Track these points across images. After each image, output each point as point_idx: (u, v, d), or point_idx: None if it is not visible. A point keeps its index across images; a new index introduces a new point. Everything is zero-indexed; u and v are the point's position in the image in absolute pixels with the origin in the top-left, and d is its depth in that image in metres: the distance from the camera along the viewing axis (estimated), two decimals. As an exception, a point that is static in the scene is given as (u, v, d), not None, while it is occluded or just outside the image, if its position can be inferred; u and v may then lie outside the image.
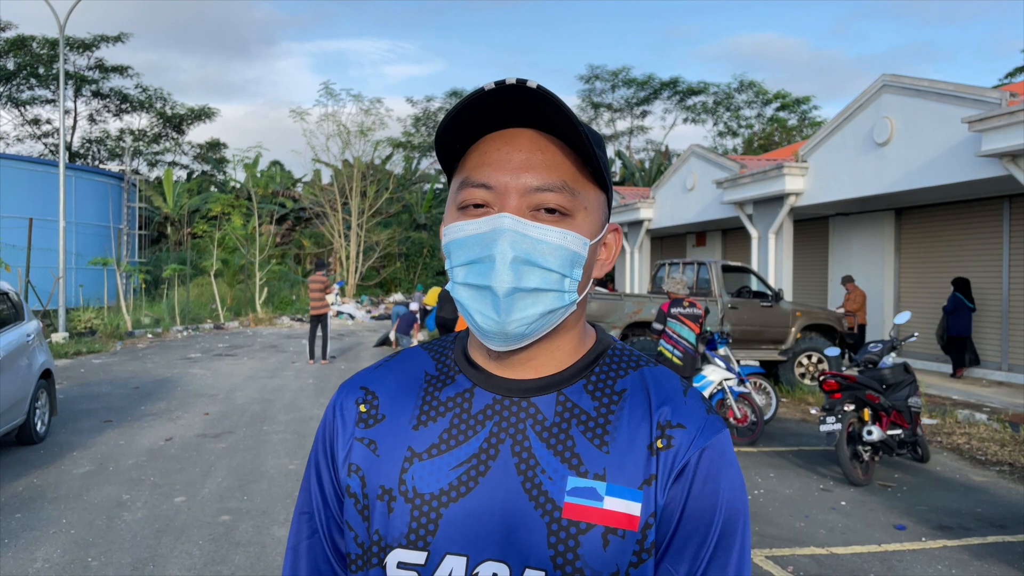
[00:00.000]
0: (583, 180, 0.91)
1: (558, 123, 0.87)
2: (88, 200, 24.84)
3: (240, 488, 6.09)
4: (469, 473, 0.91)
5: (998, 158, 9.66)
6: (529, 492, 0.89)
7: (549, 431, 0.91)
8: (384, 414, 0.98)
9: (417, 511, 0.90)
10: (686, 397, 0.95)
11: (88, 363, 13.99)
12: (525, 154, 0.88)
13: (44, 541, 4.85)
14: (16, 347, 7.21)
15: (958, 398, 10.59)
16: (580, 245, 0.90)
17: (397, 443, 0.95)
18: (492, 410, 0.94)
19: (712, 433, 0.92)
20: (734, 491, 0.92)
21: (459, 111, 0.86)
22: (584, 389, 0.94)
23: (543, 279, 0.88)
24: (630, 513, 0.88)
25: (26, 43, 34.57)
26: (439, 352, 1.04)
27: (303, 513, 1.04)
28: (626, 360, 0.99)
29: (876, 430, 6.51)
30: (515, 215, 0.87)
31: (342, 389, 1.04)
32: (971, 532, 5.38)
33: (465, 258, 0.89)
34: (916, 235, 14.31)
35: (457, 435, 0.93)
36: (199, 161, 43.72)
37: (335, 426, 1.01)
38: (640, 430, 0.91)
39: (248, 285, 27.27)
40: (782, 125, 41.11)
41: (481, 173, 0.89)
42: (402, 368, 1.03)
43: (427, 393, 0.98)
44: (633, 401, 0.93)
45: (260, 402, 10.05)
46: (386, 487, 0.93)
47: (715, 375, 8.13)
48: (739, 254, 18.74)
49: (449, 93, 45.10)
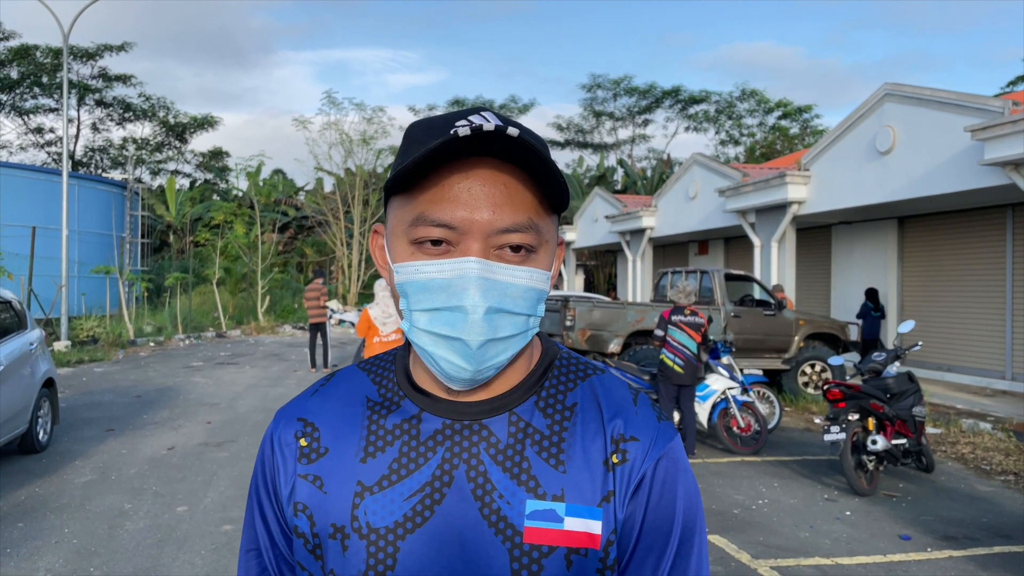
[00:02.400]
0: (543, 211, 0.86)
1: (522, 155, 0.82)
2: (91, 209, 24.89)
3: (242, 497, 6.07)
4: (424, 502, 0.87)
5: (1001, 167, 9.65)
6: (488, 518, 0.86)
7: (504, 454, 0.89)
8: (327, 447, 0.93)
9: (373, 547, 0.87)
10: (636, 407, 0.94)
11: (90, 372, 13.98)
12: (488, 188, 0.82)
13: (46, 550, 4.83)
14: (19, 356, 7.20)
15: (962, 407, 10.56)
16: (544, 281, 0.87)
17: (344, 478, 0.90)
18: (443, 435, 0.90)
19: (665, 442, 0.91)
20: (690, 497, 0.92)
21: (431, 152, 0.79)
22: (536, 406, 0.92)
23: (513, 325, 0.85)
24: (591, 532, 0.86)
25: (30, 52, 34.72)
26: (379, 374, 0.99)
27: (250, 551, 0.99)
28: (574, 370, 0.97)
29: (881, 439, 6.48)
30: (480, 258, 0.82)
31: (277, 420, 0.98)
32: (977, 542, 5.35)
33: (428, 304, 0.84)
34: (919, 244, 14.29)
35: (408, 464, 0.89)
36: (202, 170, 43.80)
37: (275, 462, 0.96)
38: (594, 445, 0.90)
39: (250, 293, 27.29)
40: (784, 134, 41.15)
41: (439, 210, 0.82)
42: (340, 394, 0.98)
43: (371, 422, 0.93)
44: (585, 416, 0.92)
45: (262, 411, 10.03)
46: (338, 525, 0.88)
47: (718, 384, 8.12)
48: (742, 263, 18.72)
49: (451, 102, 45.16)
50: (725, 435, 8.03)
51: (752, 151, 40.16)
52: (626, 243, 22.83)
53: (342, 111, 43.40)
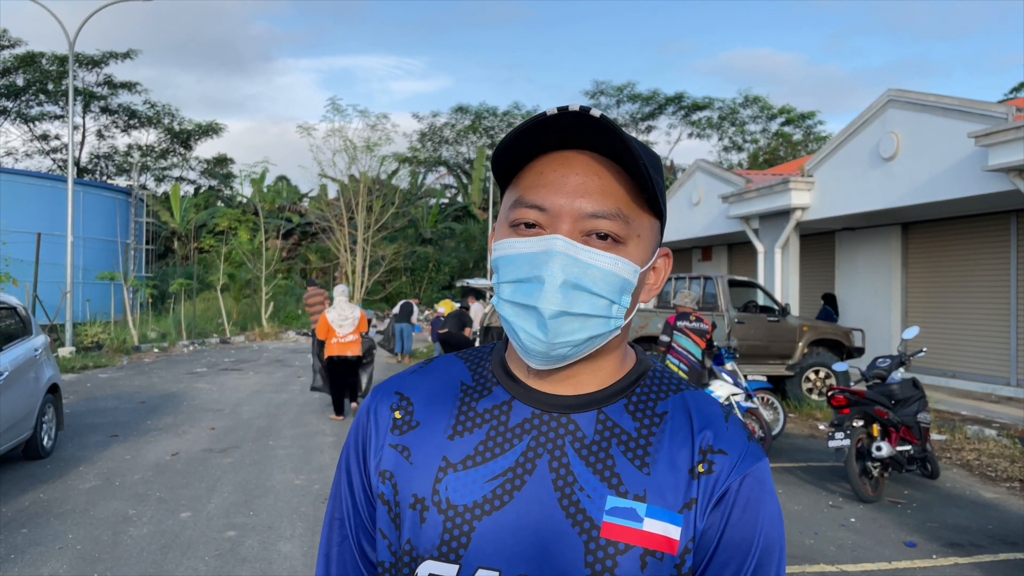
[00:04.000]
0: (637, 207, 0.89)
1: (615, 148, 0.86)
2: (96, 215, 24.97)
3: (246, 503, 6.07)
4: (504, 487, 0.89)
5: (1005, 172, 9.64)
6: (566, 509, 0.87)
7: (588, 448, 0.90)
8: (419, 421, 0.97)
9: (450, 523, 0.89)
10: (728, 423, 0.94)
11: (95, 377, 14.01)
12: (581, 178, 0.87)
13: (50, 556, 4.83)
14: (24, 361, 7.22)
15: (967, 413, 10.53)
16: (631, 272, 0.89)
17: (431, 452, 0.93)
18: (530, 424, 0.92)
19: (753, 461, 0.92)
20: (772, 521, 0.91)
21: (519, 134, 0.85)
22: (625, 409, 0.93)
23: (591, 305, 0.87)
24: (669, 536, 0.87)
25: (35, 59, 34.91)
26: (475, 362, 1.02)
27: (335, 519, 1.02)
28: (667, 383, 0.98)
29: (885, 446, 6.46)
30: (567, 238, 0.86)
31: (376, 392, 1.03)
32: (982, 549, 5.33)
33: (513, 276, 0.88)
34: (923, 250, 14.27)
35: (493, 447, 0.92)
36: (206, 176, 43.94)
37: (368, 430, 1.00)
38: (681, 453, 0.90)
39: (254, 300, 27.34)
40: (787, 140, 41.17)
41: (535, 194, 0.88)
42: (437, 376, 1.02)
43: (463, 403, 0.96)
44: (675, 424, 0.93)
45: (266, 417, 10.04)
46: (418, 496, 0.91)
47: (722, 390, 8.10)
48: (745, 269, 18.70)
49: (455, 109, 45.38)
50: (729, 441, 8.00)
51: (755, 157, 40.18)
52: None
53: (346, 118, 43.66)
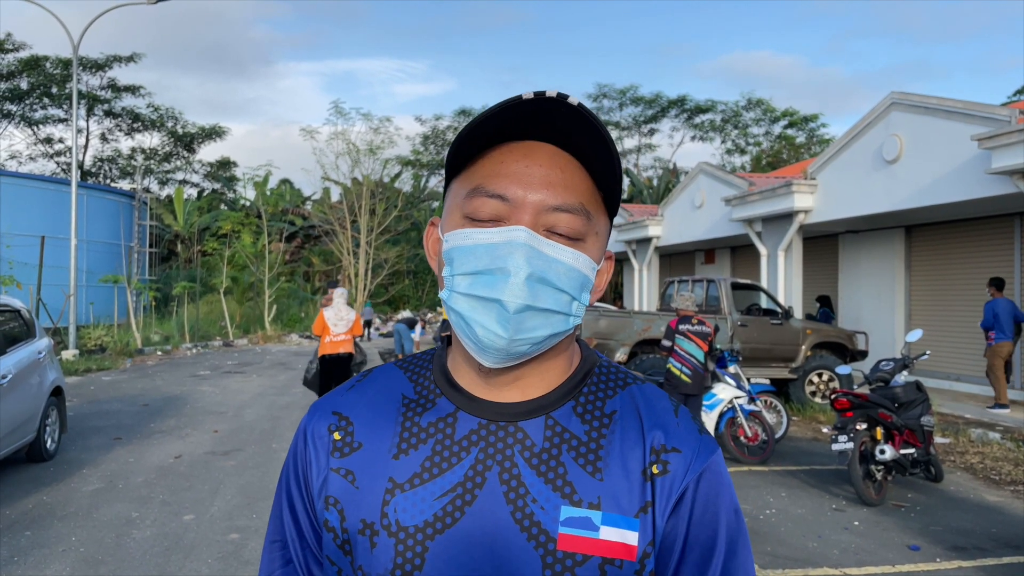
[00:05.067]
0: (596, 204, 0.87)
1: (581, 144, 0.83)
2: (99, 218, 25.03)
3: (249, 506, 6.07)
4: (455, 503, 0.86)
5: (1008, 175, 9.63)
6: (520, 522, 0.84)
7: (539, 457, 0.87)
8: (360, 442, 0.92)
9: (401, 545, 0.85)
10: (678, 418, 0.92)
11: (98, 380, 14.03)
12: (545, 170, 0.84)
13: (53, 559, 4.84)
14: (27, 364, 7.24)
15: (971, 417, 10.50)
16: (590, 269, 0.87)
17: (376, 473, 0.89)
18: (477, 435, 0.88)
19: (707, 455, 0.90)
20: (732, 512, 0.91)
21: (488, 118, 0.81)
22: (573, 412, 0.90)
23: (555, 300, 0.83)
24: (627, 543, 0.85)
25: (40, 63, 35.02)
26: (415, 372, 0.98)
27: (275, 542, 0.98)
28: (614, 378, 0.95)
29: (889, 449, 6.45)
30: (530, 230, 0.83)
31: (312, 413, 0.98)
32: (986, 553, 5.31)
33: (471, 267, 0.83)
34: (926, 252, 14.25)
35: (440, 463, 0.88)
36: (209, 179, 44.04)
37: (307, 455, 0.95)
38: (633, 454, 0.88)
39: (257, 303, 27.37)
40: (790, 143, 41.15)
41: (496, 183, 0.84)
42: (377, 390, 0.97)
43: (406, 419, 0.92)
44: (624, 424, 0.90)
45: (269, 419, 10.05)
46: (367, 521, 0.87)
47: (725, 393, 8.09)
48: (748, 271, 18.69)
49: (457, 112, 45.35)
50: (732, 444, 8.00)
51: (758, 160, 40.17)
52: (632, 252, 22.81)
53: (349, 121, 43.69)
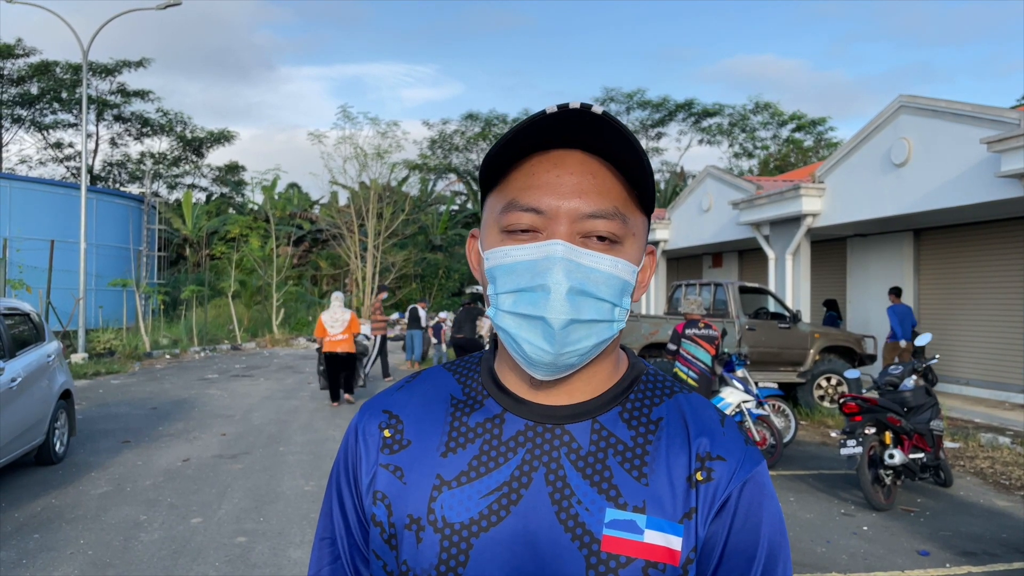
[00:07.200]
0: (631, 205, 0.88)
1: (609, 147, 0.84)
2: (109, 222, 25.17)
3: (256, 509, 6.09)
4: (500, 502, 0.87)
5: (1018, 179, 9.58)
6: (564, 523, 0.86)
7: (585, 460, 0.88)
8: (409, 439, 0.95)
9: (447, 541, 0.87)
10: (724, 427, 0.93)
11: (107, 383, 14.08)
12: (576, 178, 0.84)
13: (62, 561, 4.86)
14: (37, 367, 7.27)
15: (981, 421, 10.44)
16: (630, 273, 0.87)
17: (424, 470, 0.91)
18: (524, 436, 0.90)
19: (752, 465, 0.91)
20: (775, 524, 0.90)
21: (516, 133, 0.82)
22: (620, 417, 0.92)
23: (597, 310, 0.85)
24: (671, 547, 0.85)
25: (50, 68, 35.25)
26: (464, 374, 1.00)
27: (324, 539, 1.00)
28: (660, 387, 0.97)
29: (898, 453, 6.41)
30: (566, 241, 0.83)
31: (363, 411, 1.00)
32: (996, 558, 5.28)
33: (513, 285, 0.85)
34: (935, 256, 14.18)
35: (487, 462, 0.90)
36: (218, 184, 44.17)
37: (358, 451, 0.97)
38: (678, 461, 0.89)
39: (265, 306, 27.44)
40: (798, 146, 41.05)
41: (529, 196, 0.85)
42: (426, 390, 0.99)
43: (454, 418, 0.94)
44: (670, 431, 0.91)
45: (277, 423, 10.06)
46: (414, 516, 0.89)
47: (733, 397, 8.06)
48: (756, 275, 18.63)
49: (465, 116, 45.41)
50: (740, 449, 7.96)
51: (766, 164, 40.07)
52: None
53: (357, 125, 43.80)
